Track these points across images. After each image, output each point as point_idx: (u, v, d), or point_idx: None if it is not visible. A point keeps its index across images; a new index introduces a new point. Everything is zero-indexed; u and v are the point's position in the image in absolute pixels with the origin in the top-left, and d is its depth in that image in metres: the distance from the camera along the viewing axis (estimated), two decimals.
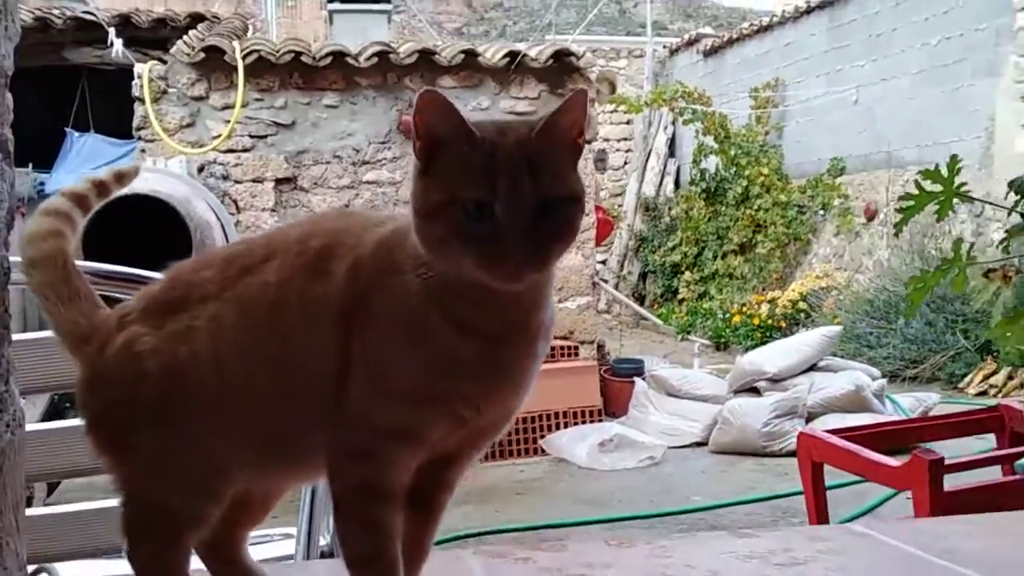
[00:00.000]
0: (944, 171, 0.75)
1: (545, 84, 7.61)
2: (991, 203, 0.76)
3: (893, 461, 2.25)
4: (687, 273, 12.87)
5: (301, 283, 0.79)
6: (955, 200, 0.79)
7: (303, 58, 6.87)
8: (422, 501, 0.82)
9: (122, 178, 0.97)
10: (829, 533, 1.20)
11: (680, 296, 12.84)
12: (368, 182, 7.30)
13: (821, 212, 11.56)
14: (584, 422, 6.50)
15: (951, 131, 9.19)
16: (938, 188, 0.79)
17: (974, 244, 0.92)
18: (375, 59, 7.05)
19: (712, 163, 12.72)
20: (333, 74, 7.12)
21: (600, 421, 6.56)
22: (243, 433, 0.81)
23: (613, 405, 7.00)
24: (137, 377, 0.81)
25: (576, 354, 7.13)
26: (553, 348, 7.11)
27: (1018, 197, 0.73)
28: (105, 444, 0.85)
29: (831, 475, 2.80)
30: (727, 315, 11.02)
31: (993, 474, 2.74)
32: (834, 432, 2.69)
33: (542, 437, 6.22)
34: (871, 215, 10.70)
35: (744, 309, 10.74)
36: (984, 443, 3.95)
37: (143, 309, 0.85)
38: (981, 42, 9.29)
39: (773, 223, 11.92)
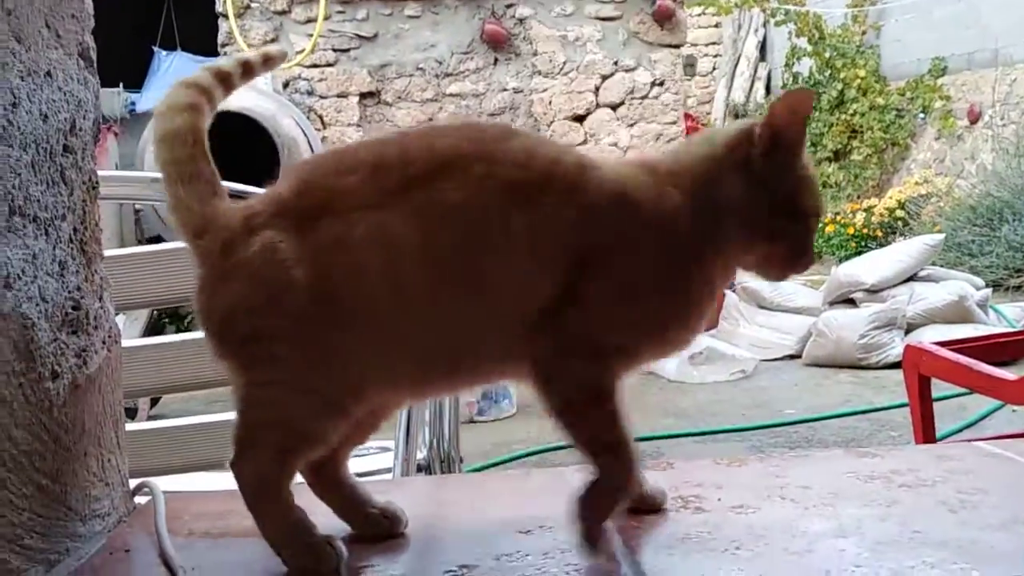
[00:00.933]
0: None
1: None
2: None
3: (1011, 375, 2.14)
4: None
5: (500, 210, 0.79)
6: None
7: None
8: None
9: (268, 60, 0.91)
10: (957, 452, 1.12)
11: None
12: (452, 94, 7.22)
13: (921, 115, 11.05)
14: None
15: None
16: None
17: None
18: None
19: (805, 66, 12.23)
20: None
21: None
22: (405, 349, 0.80)
23: None
24: (282, 287, 0.78)
25: None
26: None
27: None
28: (230, 350, 0.82)
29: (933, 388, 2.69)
30: (821, 225, 10.71)
31: None
32: (942, 344, 2.57)
33: None
34: (975, 117, 10.18)
35: (838, 218, 10.41)
36: None
37: (274, 214, 0.80)
38: None
39: (870, 128, 11.45)
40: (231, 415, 0.83)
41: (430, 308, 0.79)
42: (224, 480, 0.86)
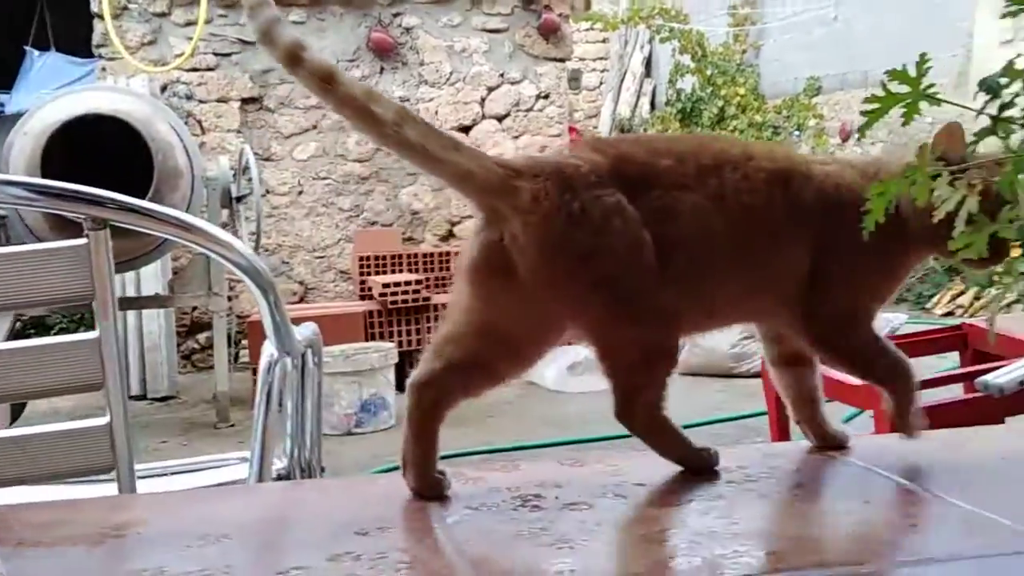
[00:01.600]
0: (912, 72, 0.71)
1: (518, 0, 7.44)
2: (960, 105, 0.74)
3: (856, 380, 2.24)
4: None
5: (768, 194, 1.00)
6: (923, 105, 0.75)
7: None
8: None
9: None
10: (785, 450, 1.19)
11: None
12: None
13: (796, 133, 11.49)
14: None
15: (929, 49, 9.09)
16: (905, 90, 0.76)
17: None
18: None
19: (688, 83, 12.56)
20: None
21: (570, 344, 6.57)
22: (706, 302, 1.02)
23: None
24: (638, 243, 0.94)
25: None
26: None
27: (988, 96, 0.69)
28: (578, 292, 0.95)
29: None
30: None
31: (956, 392, 2.76)
32: None
33: None
34: (846, 135, 10.65)
35: None
36: (949, 362, 3.98)
37: (600, 179, 0.94)
38: None
39: None
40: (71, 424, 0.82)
41: (727, 271, 1.00)
42: (56, 492, 0.85)
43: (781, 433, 2.52)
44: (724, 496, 0.98)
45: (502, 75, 7.53)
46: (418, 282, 6.35)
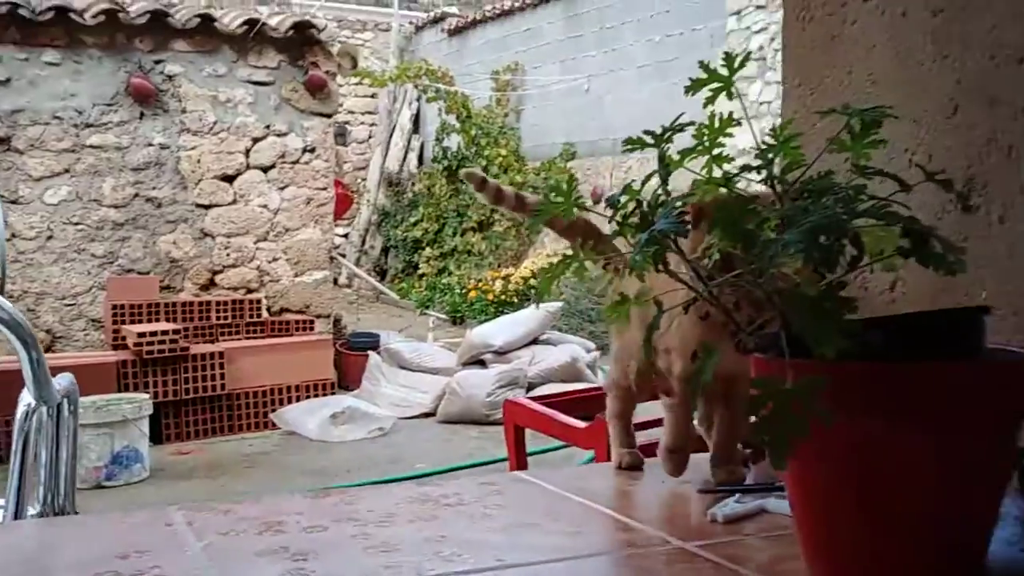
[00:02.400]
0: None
1: (285, 55, 7.56)
2: (595, 211, 0.95)
3: (580, 423, 2.55)
4: (428, 249, 13.16)
5: None
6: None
7: (21, 11, 6.42)
8: None
9: None
10: (498, 479, 1.41)
11: (420, 271, 13.11)
12: (92, 146, 6.95)
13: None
14: (318, 395, 6.58)
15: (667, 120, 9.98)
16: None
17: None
18: (102, 17, 6.71)
19: (454, 141, 13.05)
20: (55, 30, 6.71)
21: (334, 394, 6.67)
22: None
23: (348, 379, 7.12)
24: None
25: (311, 328, 7.18)
26: (287, 322, 7.12)
27: (611, 211, 0.95)
28: None
29: (541, 440, 3.07)
30: (464, 291, 11.40)
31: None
32: (536, 399, 2.97)
33: (273, 411, 6.25)
34: (597, 198, 11.42)
35: (480, 285, 11.16)
36: None
37: None
38: (699, 41, 10.15)
39: None
40: None
41: None
42: None
43: (519, 467, 2.78)
44: (439, 517, 1.18)
45: (268, 127, 7.58)
46: (175, 331, 6.24)
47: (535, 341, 6.62)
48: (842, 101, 1.31)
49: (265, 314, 7.17)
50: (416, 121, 14.74)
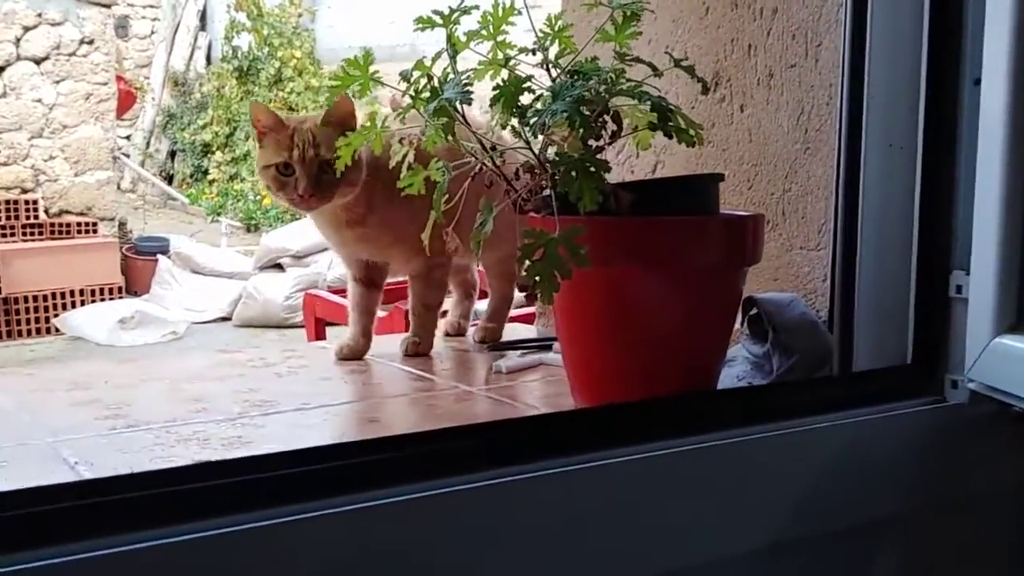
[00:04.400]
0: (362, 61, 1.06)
1: None
2: (393, 87, 1.04)
3: (380, 312, 2.66)
4: (218, 153, 12.69)
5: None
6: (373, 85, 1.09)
7: None
8: None
9: None
10: (299, 346, 1.51)
11: (211, 177, 12.66)
12: None
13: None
14: (103, 300, 6.35)
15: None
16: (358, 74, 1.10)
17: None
18: None
19: (245, 41, 12.54)
20: None
21: (121, 299, 6.45)
22: None
23: (135, 284, 6.89)
24: None
25: (94, 231, 6.87)
26: (68, 224, 6.77)
27: (405, 82, 1.05)
28: None
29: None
30: (259, 197, 11.14)
31: None
32: (336, 292, 3.06)
33: (56, 316, 5.99)
34: (395, 106, 11.34)
35: None
36: None
37: None
38: None
39: (305, 107, 12.12)
40: None
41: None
42: None
43: None
44: (245, 375, 1.28)
45: (40, 15, 7.06)
46: None
47: None
48: None
49: (43, 216, 6.78)
50: (203, 18, 14.00)
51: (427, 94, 1.03)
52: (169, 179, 13.25)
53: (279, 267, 6.62)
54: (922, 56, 0.95)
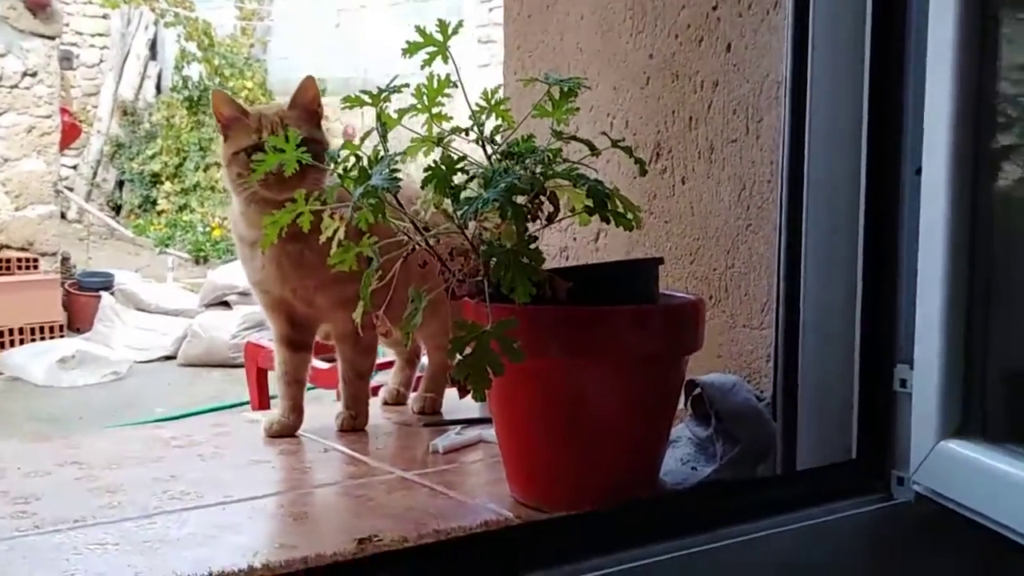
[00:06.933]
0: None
1: None
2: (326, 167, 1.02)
3: (324, 364, 2.60)
4: (167, 183, 12.51)
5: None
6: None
7: None
8: None
9: None
10: (230, 420, 1.45)
11: (159, 207, 12.47)
12: None
13: None
14: (44, 338, 6.18)
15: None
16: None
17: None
18: None
19: (196, 71, 12.42)
20: None
21: (62, 337, 6.28)
22: None
23: (78, 320, 6.72)
24: None
25: (35, 267, 6.70)
26: (8, 260, 6.59)
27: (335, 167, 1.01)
28: None
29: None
30: (208, 229, 10.99)
31: None
32: None
33: None
34: (348, 137, 11.30)
35: (225, 223, 10.78)
36: None
37: None
38: None
39: None
40: None
41: None
42: None
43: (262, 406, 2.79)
44: (168, 457, 1.21)
45: None
46: None
47: None
48: (556, 65, 1.43)
49: None
50: (153, 47, 13.83)
51: (355, 174, 0.99)
52: (117, 209, 13.01)
53: (226, 304, 6.49)
54: (862, 144, 0.93)
